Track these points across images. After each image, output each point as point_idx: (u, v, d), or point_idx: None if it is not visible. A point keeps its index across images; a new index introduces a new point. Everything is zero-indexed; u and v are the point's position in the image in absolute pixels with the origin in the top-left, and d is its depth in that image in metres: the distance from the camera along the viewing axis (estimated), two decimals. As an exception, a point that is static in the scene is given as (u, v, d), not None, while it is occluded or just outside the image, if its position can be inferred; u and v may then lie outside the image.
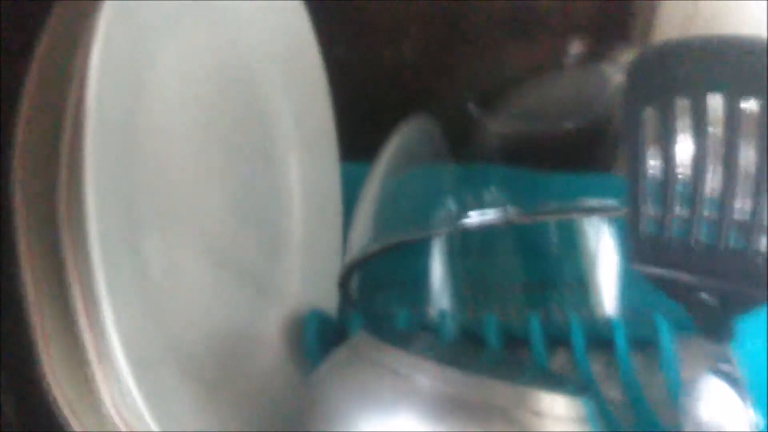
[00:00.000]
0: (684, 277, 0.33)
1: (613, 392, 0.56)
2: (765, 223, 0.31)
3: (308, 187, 0.56)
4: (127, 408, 0.34)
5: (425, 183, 0.45)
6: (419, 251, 0.60)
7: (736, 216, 0.32)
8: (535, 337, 0.51)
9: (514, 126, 0.51)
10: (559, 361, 0.57)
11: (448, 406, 0.37)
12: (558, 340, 0.57)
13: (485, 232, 0.61)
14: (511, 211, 0.36)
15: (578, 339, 0.52)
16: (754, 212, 0.31)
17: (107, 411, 0.34)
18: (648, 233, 0.34)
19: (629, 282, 0.61)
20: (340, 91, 0.58)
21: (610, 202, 0.35)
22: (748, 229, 0.31)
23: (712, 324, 0.33)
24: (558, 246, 0.63)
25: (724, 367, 0.35)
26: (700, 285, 0.33)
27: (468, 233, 0.59)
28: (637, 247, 0.34)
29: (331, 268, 0.52)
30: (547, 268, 0.64)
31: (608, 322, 0.55)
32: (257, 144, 0.53)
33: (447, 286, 0.61)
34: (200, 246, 0.44)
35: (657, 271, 0.34)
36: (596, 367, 0.58)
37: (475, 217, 0.37)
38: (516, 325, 0.59)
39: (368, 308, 0.55)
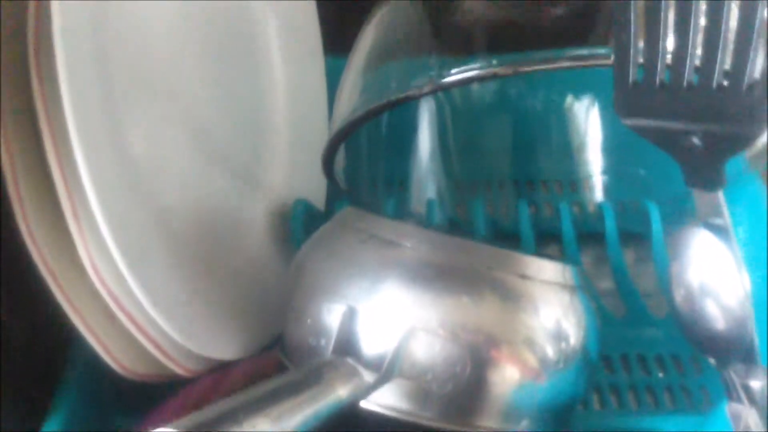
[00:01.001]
0: (673, 124, 0.32)
1: (603, 283, 0.56)
2: (750, 59, 0.30)
3: (293, 80, 0.55)
4: (107, 270, 0.33)
5: (407, 68, 0.44)
6: (405, 147, 0.59)
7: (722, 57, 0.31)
8: (523, 221, 0.50)
9: (500, 9, 0.49)
10: (549, 252, 0.57)
11: (434, 270, 0.36)
12: (548, 234, 0.56)
13: (474, 126, 0.61)
14: (496, 64, 0.34)
15: (567, 225, 0.52)
16: (741, 49, 0.30)
17: (87, 274, 0.34)
18: (635, 82, 0.33)
19: (620, 174, 0.61)
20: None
21: (600, 50, 0.34)
22: (735, 67, 0.30)
23: (703, 171, 0.33)
24: (547, 141, 0.63)
25: (716, 220, 0.34)
26: (688, 130, 0.32)
27: (456, 122, 0.59)
28: (626, 98, 0.33)
29: (318, 161, 0.51)
30: (537, 165, 0.63)
31: (598, 208, 0.55)
32: (239, 36, 0.52)
33: (434, 184, 0.61)
34: (182, 127, 0.43)
35: (645, 122, 0.33)
36: (586, 260, 0.58)
37: (457, 73, 0.36)
38: (505, 222, 0.59)
39: (356, 200, 0.54)
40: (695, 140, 0.32)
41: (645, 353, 0.52)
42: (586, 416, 0.48)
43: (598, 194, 0.61)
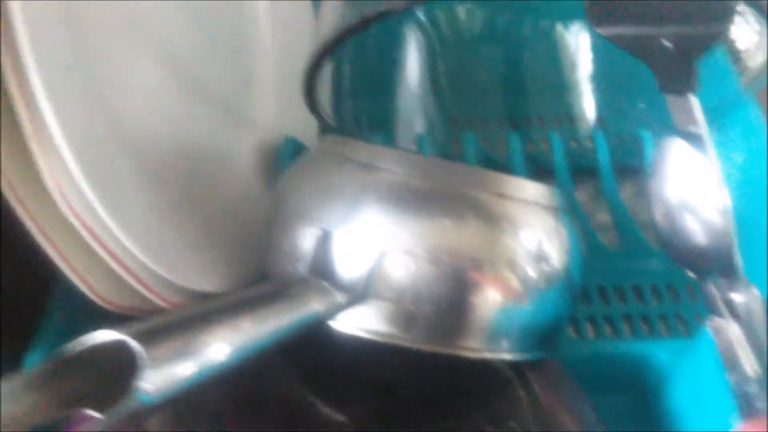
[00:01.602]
0: (644, 29, 0.32)
1: (599, 216, 0.55)
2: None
3: (279, 17, 0.54)
4: (74, 194, 0.33)
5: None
6: (396, 83, 0.59)
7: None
8: (513, 152, 0.50)
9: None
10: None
11: (410, 191, 0.36)
12: (545, 171, 0.56)
13: (467, 61, 0.60)
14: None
15: (559, 155, 0.51)
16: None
17: (53, 197, 0.33)
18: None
19: (618, 108, 0.60)
20: None
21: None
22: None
23: (675, 74, 0.32)
24: (542, 75, 0.62)
25: (690, 128, 0.33)
26: (658, 33, 0.31)
27: (448, 57, 0.58)
28: (598, 5, 0.33)
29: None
30: (533, 101, 0.62)
31: (591, 139, 0.54)
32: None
33: (426, 120, 0.60)
34: (156, 55, 0.43)
35: (618, 29, 0.33)
36: (583, 195, 0.57)
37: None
38: (502, 160, 0.58)
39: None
40: (666, 43, 0.31)
41: (640, 284, 0.52)
42: (579, 343, 0.47)
43: (596, 129, 0.61)
